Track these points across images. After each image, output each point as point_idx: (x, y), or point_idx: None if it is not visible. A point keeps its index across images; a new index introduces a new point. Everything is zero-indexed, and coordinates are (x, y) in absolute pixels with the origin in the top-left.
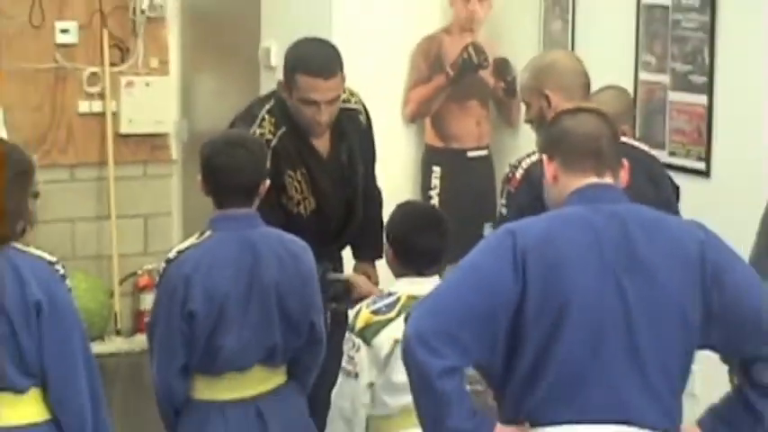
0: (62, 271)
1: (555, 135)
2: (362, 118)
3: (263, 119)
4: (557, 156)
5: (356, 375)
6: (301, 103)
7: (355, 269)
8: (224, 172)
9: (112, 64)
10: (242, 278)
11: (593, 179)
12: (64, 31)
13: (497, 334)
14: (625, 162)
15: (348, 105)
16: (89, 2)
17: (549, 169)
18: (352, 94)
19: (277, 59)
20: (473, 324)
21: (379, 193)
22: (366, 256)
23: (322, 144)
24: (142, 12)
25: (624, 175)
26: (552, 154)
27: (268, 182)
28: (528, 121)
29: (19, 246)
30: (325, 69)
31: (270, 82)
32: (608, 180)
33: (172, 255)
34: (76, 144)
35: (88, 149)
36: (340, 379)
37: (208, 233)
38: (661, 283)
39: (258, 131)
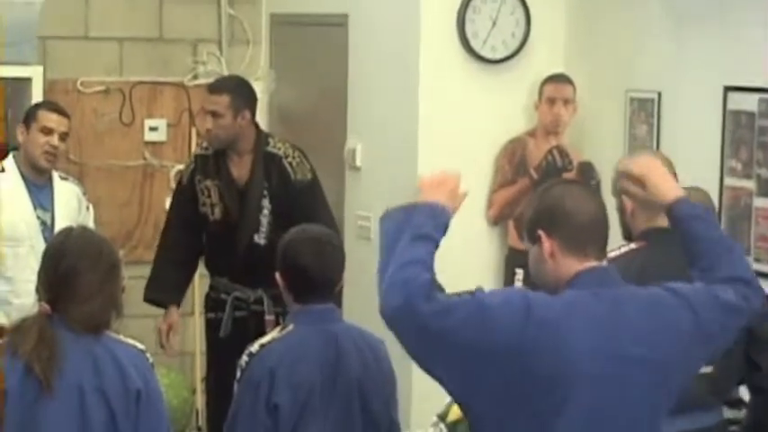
0: (151, 359)
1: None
2: (290, 168)
3: (208, 146)
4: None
5: None
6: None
7: None
8: (311, 271)
9: None
10: (325, 372)
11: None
12: (153, 128)
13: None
14: None
15: (273, 150)
16: (178, 100)
17: (547, 246)
18: (293, 149)
19: (363, 160)
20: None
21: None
22: None
23: (240, 171)
24: None
25: None
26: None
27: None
28: None
29: (112, 334)
30: (212, 87)
31: (355, 182)
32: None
33: (254, 348)
34: None
35: None
36: None
37: (290, 327)
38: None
39: (199, 150)
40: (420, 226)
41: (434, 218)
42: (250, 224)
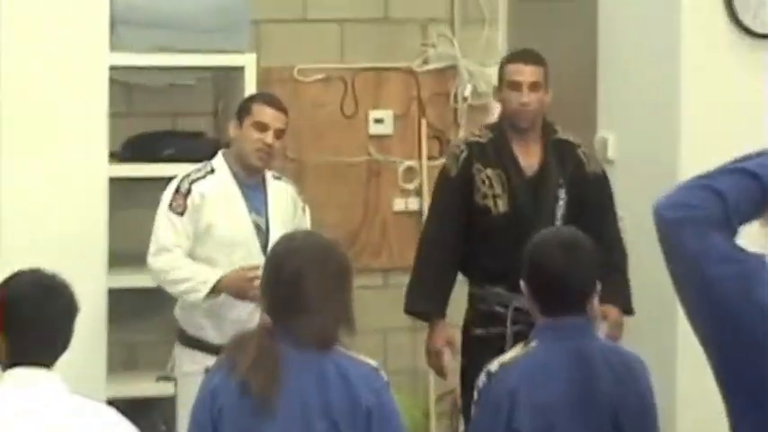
0: (386, 378)
1: None
2: (584, 158)
3: (481, 129)
4: None
5: None
6: (509, 88)
7: None
8: (558, 277)
9: (431, 157)
10: (573, 394)
11: None
12: (378, 120)
13: None
14: None
15: (565, 137)
16: (406, 89)
17: None
18: (579, 145)
19: (616, 152)
20: None
21: (620, 241)
22: (606, 300)
23: (529, 159)
24: (464, 99)
25: None
26: None
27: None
28: None
29: (342, 349)
30: (525, 58)
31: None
32: None
33: (493, 368)
34: (391, 246)
35: (404, 252)
36: None
37: (533, 343)
38: None
39: (470, 137)
40: (759, 165)
41: None
42: (545, 216)
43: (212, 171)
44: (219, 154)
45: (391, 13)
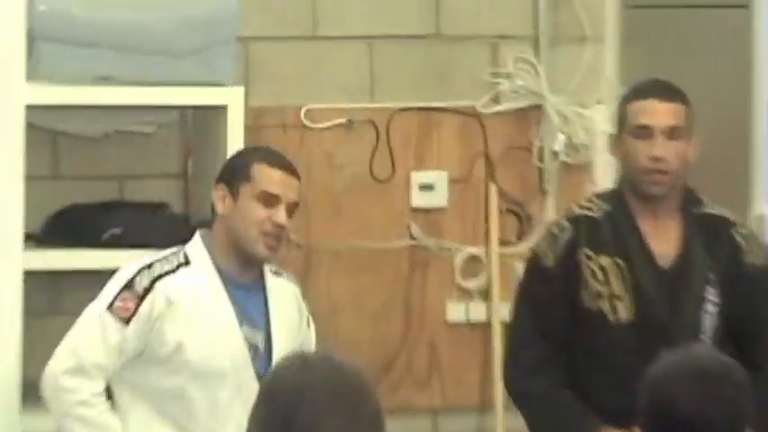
0: None
1: None
2: (743, 242)
3: (591, 199)
4: None
5: None
6: (634, 136)
7: None
8: (691, 422)
9: (505, 242)
10: None
11: None
12: (425, 186)
13: None
14: None
15: (714, 213)
16: (467, 140)
17: None
18: (735, 223)
19: None
20: None
21: None
22: None
23: (663, 244)
24: (554, 154)
25: None
26: None
27: None
28: None
29: None
30: (660, 89)
31: None
32: None
33: None
34: (443, 375)
35: (462, 383)
36: None
37: None
38: None
39: (576, 209)
40: None
41: None
42: (687, 326)
43: (187, 263)
44: (197, 237)
45: (445, 27)
